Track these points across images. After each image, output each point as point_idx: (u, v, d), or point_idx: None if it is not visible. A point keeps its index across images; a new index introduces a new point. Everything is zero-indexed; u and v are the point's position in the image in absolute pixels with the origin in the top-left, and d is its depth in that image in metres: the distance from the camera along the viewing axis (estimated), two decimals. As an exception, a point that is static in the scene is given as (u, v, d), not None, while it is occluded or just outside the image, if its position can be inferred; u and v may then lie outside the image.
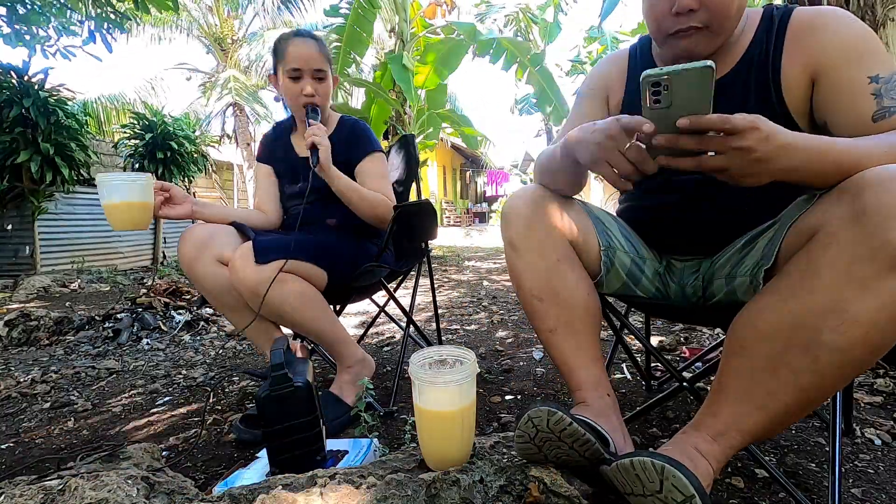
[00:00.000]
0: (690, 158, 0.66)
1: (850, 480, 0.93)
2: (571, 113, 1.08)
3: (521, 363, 1.75)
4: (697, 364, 1.49)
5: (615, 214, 1.06)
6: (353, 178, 1.40)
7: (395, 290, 1.54)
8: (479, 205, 21.49)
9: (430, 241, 1.64)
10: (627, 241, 0.97)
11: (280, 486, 0.71)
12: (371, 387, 1.14)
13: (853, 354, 0.60)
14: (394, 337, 2.26)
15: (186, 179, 6.76)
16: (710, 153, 0.65)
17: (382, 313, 1.86)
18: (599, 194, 13.23)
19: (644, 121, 0.66)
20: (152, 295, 2.82)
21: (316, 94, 1.33)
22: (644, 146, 0.68)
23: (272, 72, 1.40)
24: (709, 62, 0.60)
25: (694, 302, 0.95)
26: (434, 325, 2.12)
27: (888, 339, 0.59)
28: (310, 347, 1.41)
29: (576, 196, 0.96)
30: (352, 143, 1.42)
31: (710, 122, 0.61)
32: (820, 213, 0.65)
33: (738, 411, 0.68)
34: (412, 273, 1.65)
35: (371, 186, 1.37)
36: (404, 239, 1.55)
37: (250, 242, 1.16)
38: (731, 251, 0.87)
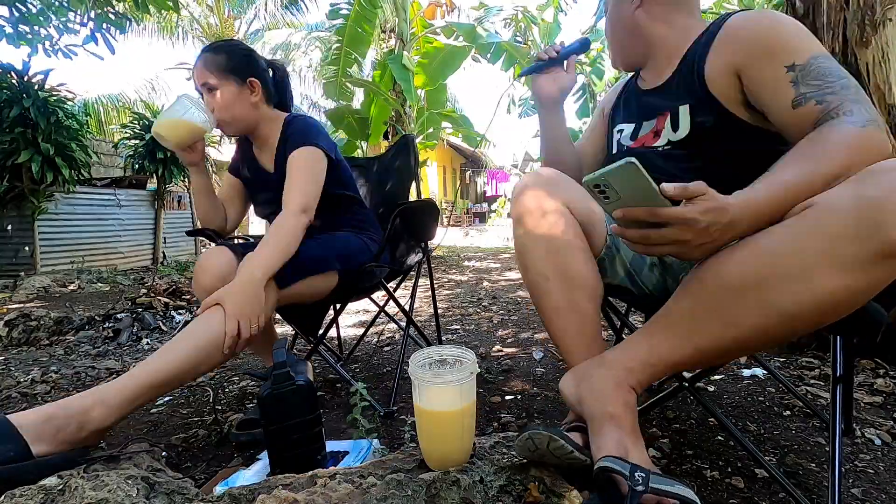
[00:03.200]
0: (642, 248, 0.69)
1: (850, 480, 0.93)
2: (584, 132, 1.27)
3: (521, 363, 1.75)
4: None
5: None
6: None
7: (395, 290, 1.54)
8: (478, 205, 21.48)
9: (429, 241, 1.64)
10: None
11: (280, 486, 0.71)
12: (364, 391, 1.13)
13: (797, 323, 0.63)
14: (394, 337, 2.27)
15: (186, 179, 6.76)
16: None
17: (382, 313, 1.86)
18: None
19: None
20: (152, 295, 2.82)
21: (214, 109, 1.25)
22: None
23: None
24: (630, 159, 0.62)
25: None
26: (434, 325, 2.12)
27: (829, 317, 0.63)
28: (308, 348, 1.41)
29: None
30: (288, 142, 1.31)
31: (639, 214, 0.65)
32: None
33: (675, 348, 0.72)
34: (412, 273, 1.65)
35: (288, 187, 1.24)
36: (405, 238, 1.56)
37: (272, 280, 1.09)
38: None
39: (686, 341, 0.71)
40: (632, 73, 1.18)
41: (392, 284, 1.56)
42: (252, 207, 1.54)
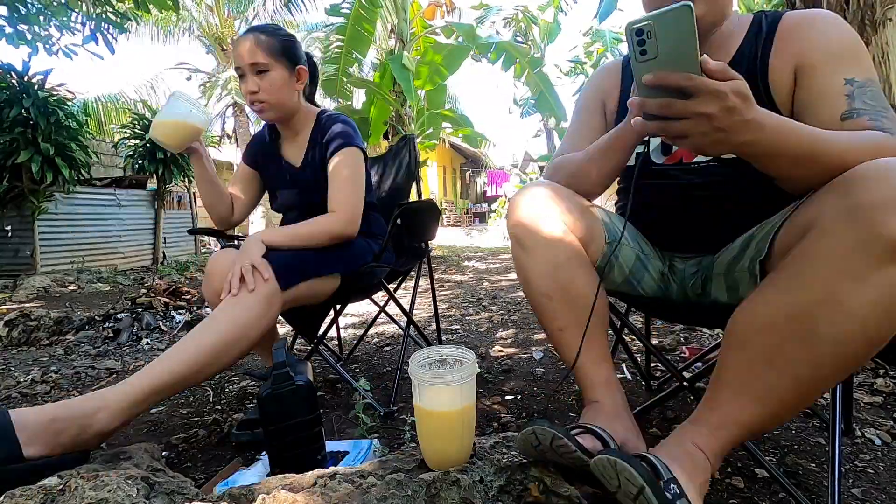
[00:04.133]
0: (655, 123, 0.64)
1: (850, 480, 0.93)
2: (572, 124, 1.11)
3: (521, 363, 1.75)
4: (697, 364, 1.49)
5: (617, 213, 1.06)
6: None
7: (395, 290, 1.54)
8: (479, 205, 21.47)
9: (429, 241, 1.64)
10: (632, 238, 0.97)
11: (280, 486, 0.71)
12: (368, 388, 1.14)
13: (850, 347, 0.60)
14: (394, 337, 2.26)
15: (186, 179, 6.77)
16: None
17: (382, 313, 1.86)
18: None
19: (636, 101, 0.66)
20: (152, 295, 2.82)
21: (259, 91, 1.23)
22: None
23: None
24: (687, 2, 0.57)
25: (694, 302, 0.95)
26: (434, 325, 2.12)
27: (884, 331, 0.59)
28: (308, 348, 1.41)
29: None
30: (325, 141, 1.31)
31: (674, 79, 0.60)
32: (814, 207, 0.65)
33: (736, 404, 0.69)
34: (412, 273, 1.65)
35: (332, 189, 1.26)
36: (405, 238, 1.55)
37: (271, 269, 1.08)
38: (729, 250, 0.88)
39: (744, 395, 0.68)
40: (622, 58, 1.11)
41: (392, 285, 1.56)
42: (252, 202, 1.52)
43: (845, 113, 0.75)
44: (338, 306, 1.57)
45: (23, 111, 4.58)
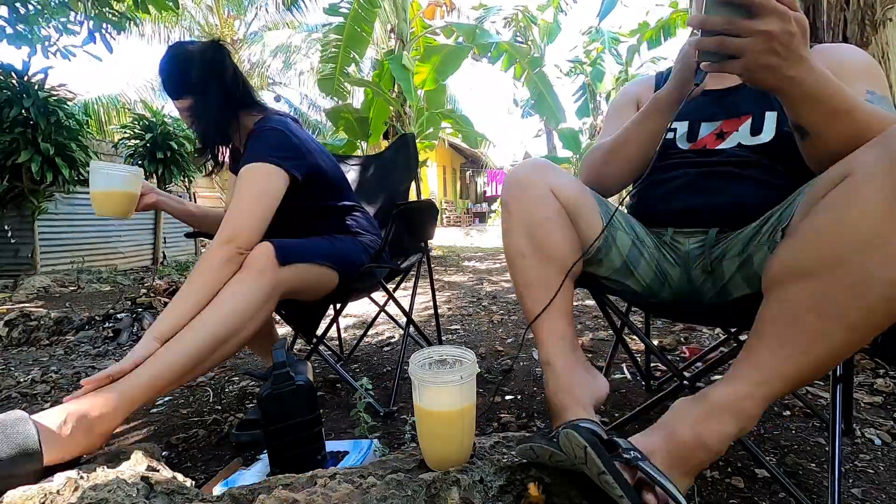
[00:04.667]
0: (713, 38, 0.65)
1: (850, 480, 0.93)
2: (607, 123, 1.17)
3: (521, 363, 1.75)
4: (697, 364, 1.49)
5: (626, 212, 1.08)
6: None
7: (395, 290, 1.54)
8: (478, 205, 21.48)
9: (429, 241, 1.64)
10: (628, 224, 0.98)
11: (280, 486, 0.71)
12: (370, 387, 1.14)
13: None
14: (393, 337, 2.27)
15: (186, 179, 6.77)
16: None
17: (382, 313, 1.86)
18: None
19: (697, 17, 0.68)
20: (152, 295, 2.82)
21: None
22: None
23: None
24: None
25: (698, 286, 0.95)
26: (434, 325, 2.12)
27: None
28: (308, 348, 1.41)
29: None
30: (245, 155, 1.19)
31: None
32: (846, 163, 0.65)
33: (780, 357, 0.65)
34: (412, 273, 1.65)
35: (232, 204, 1.12)
36: (404, 238, 1.55)
37: (269, 242, 1.08)
38: (746, 231, 0.87)
39: (791, 347, 0.64)
40: (656, 74, 1.18)
41: (392, 285, 1.56)
42: None
43: None
44: (337, 306, 1.57)
45: (23, 111, 4.58)
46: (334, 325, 1.51)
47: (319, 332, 1.46)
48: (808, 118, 0.70)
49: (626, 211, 1.04)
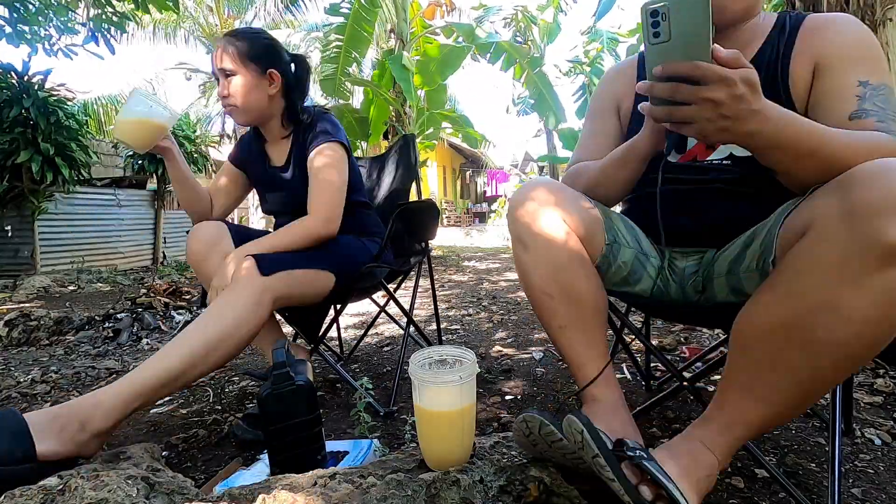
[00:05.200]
0: (662, 108, 0.65)
1: (850, 480, 0.93)
2: (585, 130, 1.11)
3: (521, 363, 1.75)
4: (697, 364, 1.49)
5: (622, 212, 1.06)
6: None
7: (395, 290, 1.54)
8: (479, 205, 21.48)
9: (429, 241, 1.64)
10: (632, 237, 0.97)
11: (280, 486, 0.71)
12: (370, 387, 1.14)
13: (849, 350, 0.61)
14: (394, 337, 2.27)
15: (186, 179, 6.74)
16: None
17: (382, 313, 1.86)
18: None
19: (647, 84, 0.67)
20: (152, 295, 2.82)
21: (229, 95, 1.24)
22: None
23: None
24: None
25: (694, 301, 0.95)
26: (434, 325, 2.13)
27: (883, 334, 0.60)
28: (309, 348, 1.41)
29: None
30: (306, 140, 1.30)
31: (682, 69, 0.61)
32: (811, 208, 0.66)
33: (742, 405, 0.71)
34: (412, 273, 1.65)
35: (312, 188, 1.25)
36: (405, 238, 1.55)
37: (251, 257, 1.10)
38: (729, 250, 0.87)
39: (750, 396, 0.70)
40: (638, 55, 1.10)
41: (392, 285, 1.56)
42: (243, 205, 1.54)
43: (854, 113, 0.76)
44: (338, 306, 1.58)
45: (23, 111, 4.58)
46: (334, 325, 1.51)
47: (320, 332, 1.46)
48: (771, 163, 0.71)
49: (629, 221, 1.02)
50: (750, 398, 0.70)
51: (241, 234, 1.30)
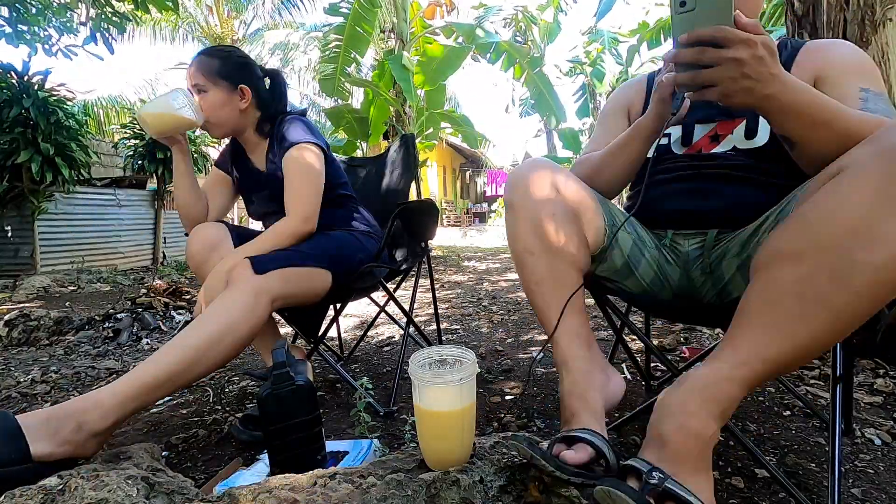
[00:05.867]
0: (686, 73, 0.69)
1: (850, 480, 0.93)
2: (597, 130, 1.17)
3: (521, 363, 1.75)
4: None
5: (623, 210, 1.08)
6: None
7: (395, 290, 1.54)
8: (479, 205, 21.48)
9: (428, 241, 1.64)
10: (630, 224, 0.98)
11: (280, 486, 0.71)
12: (370, 387, 1.14)
13: (886, 274, 0.58)
14: (394, 337, 2.26)
15: (186, 179, 6.75)
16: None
17: (382, 313, 1.86)
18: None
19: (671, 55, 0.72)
20: (152, 295, 2.82)
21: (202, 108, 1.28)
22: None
23: None
24: None
25: (698, 287, 0.95)
26: (434, 325, 2.13)
27: None
28: (308, 349, 1.41)
29: None
30: (282, 140, 1.31)
31: (703, 32, 0.65)
32: (839, 162, 0.66)
33: (761, 341, 0.64)
34: (412, 273, 1.65)
35: (285, 189, 1.27)
36: (405, 238, 1.55)
37: (245, 258, 1.10)
38: (743, 232, 0.88)
39: (773, 331, 0.64)
40: (648, 74, 1.18)
41: (392, 285, 1.56)
42: (246, 210, 1.55)
43: (860, 111, 0.78)
44: (337, 305, 1.58)
45: (23, 111, 4.59)
46: (334, 325, 1.51)
47: (320, 331, 1.46)
48: (790, 129, 0.73)
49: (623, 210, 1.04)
50: (773, 333, 0.64)
51: (242, 235, 1.30)
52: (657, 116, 0.89)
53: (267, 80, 1.40)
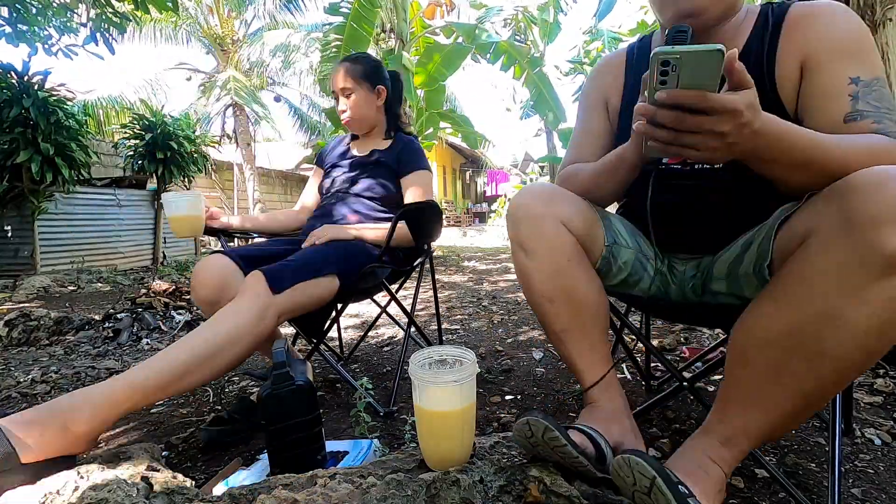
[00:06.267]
0: (665, 133, 0.64)
1: (850, 480, 0.93)
2: (577, 127, 1.10)
3: (521, 363, 1.75)
4: (697, 364, 1.49)
5: (618, 213, 1.06)
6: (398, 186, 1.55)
7: (397, 291, 1.54)
8: (478, 205, 21.48)
9: (429, 242, 1.64)
10: (632, 239, 0.97)
11: (280, 486, 0.71)
12: (370, 387, 1.14)
13: (852, 360, 0.61)
14: (394, 337, 2.26)
15: (186, 179, 6.76)
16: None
17: (384, 314, 1.86)
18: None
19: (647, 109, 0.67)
20: (152, 295, 2.82)
21: (346, 109, 1.52)
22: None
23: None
24: (720, 46, 0.57)
25: (694, 302, 0.95)
26: (434, 325, 2.13)
27: (884, 343, 0.60)
28: (309, 347, 1.41)
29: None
30: (402, 159, 1.55)
31: (686, 97, 0.60)
32: (811, 214, 0.65)
33: (744, 417, 0.70)
34: (414, 274, 1.65)
35: (409, 195, 1.51)
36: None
37: (259, 272, 1.10)
38: (729, 252, 0.87)
39: (752, 409, 0.69)
40: (627, 47, 1.07)
41: (394, 286, 1.56)
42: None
43: (849, 115, 0.74)
44: (338, 306, 1.58)
45: (23, 111, 4.58)
46: (334, 325, 1.50)
47: (322, 332, 1.46)
48: (766, 174, 0.71)
49: (629, 222, 1.01)
50: (752, 410, 0.69)
51: (251, 259, 1.26)
52: (637, 148, 0.82)
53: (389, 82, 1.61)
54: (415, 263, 1.61)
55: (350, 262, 1.29)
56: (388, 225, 1.35)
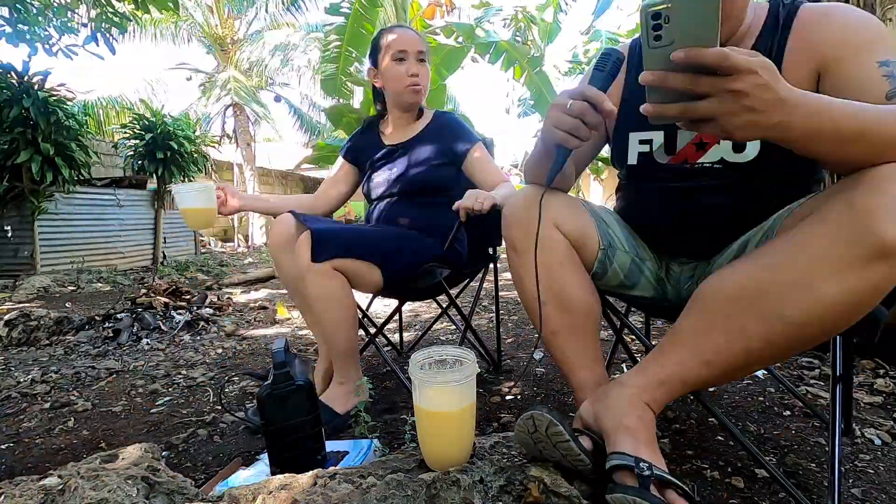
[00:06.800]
0: (676, 105, 0.58)
1: (850, 480, 0.93)
2: None
3: (521, 363, 1.75)
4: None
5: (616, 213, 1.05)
6: (453, 166, 1.49)
7: (457, 296, 1.52)
8: (479, 205, 21.43)
9: (497, 247, 1.62)
10: (629, 242, 0.96)
11: (280, 486, 0.71)
12: (370, 386, 1.14)
13: (806, 331, 0.63)
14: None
15: (186, 179, 6.76)
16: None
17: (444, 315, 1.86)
18: (599, 194, 13.22)
19: (603, 97, 0.68)
20: (152, 295, 2.81)
21: (419, 75, 1.41)
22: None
23: (372, 65, 1.48)
24: None
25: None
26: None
27: (841, 324, 0.62)
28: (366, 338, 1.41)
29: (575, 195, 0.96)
30: (452, 136, 1.48)
31: (705, 55, 0.53)
32: (816, 202, 0.67)
33: (684, 363, 0.72)
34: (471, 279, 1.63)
35: (486, 173, 1.44)
36: (473, 242, 1.55)
37: (309, 233, 1.18)
38: (724, 255, 0.87)
39: (694, 357, 0.71)
40: (630, 42, 1.04)
41: (455, 290, 1.56)
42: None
43: (890, 91, 0.69)
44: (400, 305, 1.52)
45: (23, 111, 4.58)
46: (395, 317, 1.50)
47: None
48: (813, 153, 0.62)
49: (626, 224, 1.01)
50: (695, 360, 0.71)
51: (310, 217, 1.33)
52: (550, 133, 0.75)
53: None
54: (478, 268, 1.59)
55: (395, 256, 1.28)
56: (511, 184, 1.36)
